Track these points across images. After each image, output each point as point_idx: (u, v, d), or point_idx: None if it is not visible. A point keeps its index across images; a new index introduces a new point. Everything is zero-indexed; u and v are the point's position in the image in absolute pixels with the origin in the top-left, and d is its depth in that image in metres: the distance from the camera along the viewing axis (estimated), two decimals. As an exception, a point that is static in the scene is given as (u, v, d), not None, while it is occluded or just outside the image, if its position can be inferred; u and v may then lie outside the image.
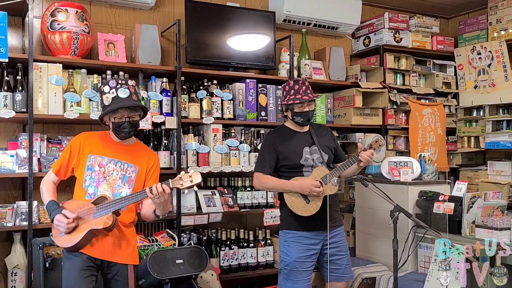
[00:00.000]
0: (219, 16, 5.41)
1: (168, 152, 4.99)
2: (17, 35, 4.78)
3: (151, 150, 3.85)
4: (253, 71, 5.75)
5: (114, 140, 3.55)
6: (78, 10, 4.63)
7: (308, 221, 4.10)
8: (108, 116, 3.41)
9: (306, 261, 4.12)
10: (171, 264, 4.23)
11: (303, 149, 4.21)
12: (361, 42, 6.74)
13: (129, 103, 3.35)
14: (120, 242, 3.43)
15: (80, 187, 3.46)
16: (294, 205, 4.07)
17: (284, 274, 4.17)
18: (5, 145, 4.56)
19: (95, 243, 3.34)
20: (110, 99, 3.35)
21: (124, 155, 3.53)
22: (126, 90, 3.37)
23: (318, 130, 4.39)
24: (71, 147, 3.51)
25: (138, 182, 3.52)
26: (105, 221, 3.23)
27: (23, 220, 4.34)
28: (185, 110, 5.07)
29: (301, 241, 4.12)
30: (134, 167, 3.52)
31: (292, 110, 4.18)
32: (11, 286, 4.34)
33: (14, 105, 4.33)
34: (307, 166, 4.18)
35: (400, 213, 3.80)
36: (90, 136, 3.59)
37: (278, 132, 4.34)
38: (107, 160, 3.47)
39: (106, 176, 3.45)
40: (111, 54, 4.90)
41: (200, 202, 5.18)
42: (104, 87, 3.40)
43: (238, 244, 5.33)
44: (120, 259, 3.42)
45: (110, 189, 3.44)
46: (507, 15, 6.35)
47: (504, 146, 6.38)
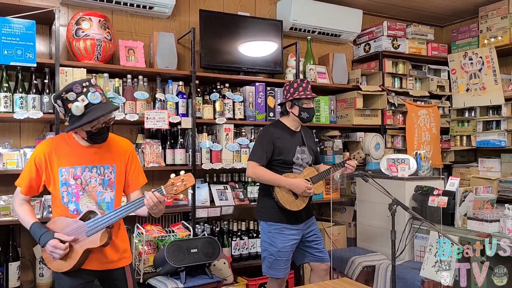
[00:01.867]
0: (231, 24, 5.38)
1: (183, 150, 4.96)
2: (45, 42, 4.74)
3: (121, 138, 3.28)
4: (262, 75, 5.72)
5: (81, 144, 3.02)
6: (101, 19, 4.60)
7: (290, 214, 4.14)
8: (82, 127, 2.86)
9: (288, 251, 4.16)
10: (186, 253, 4.23)
11: (296, 148, 4.21)
12: (361, 48, 6.70)
13: (108, 109, 2.86)
14: (114, 250, 3.09)
15: (58, 204, 3.00)
16: (284, 199, 4.08)
17: (268, 263, 4.19)
18: (34, 143, 4.53)
19: (90, 258, 2.97)
20: (82, 108, 2.79)
21: (96, 157, 3.04)
22: (96, 94, 2.83)
23: (305, 132, 4.39)
24: (35, 162, 2.95)
25: (119, 182, 3.12)
26: (101, 238, 2.85)
27: (50, 213, 4.26)
28: (199, 111, 5.04)
29: (284, 232, 4.14)
30: (112, 166, 3.07)
31: (301, 105, 4.17)
32: (38, 273, 4.33)
33: (42, 107, 4.30)
34: (296, 164, 4.20)
35: (397, 206, 3.81)
36: (52, 144, 3.01)
37: (277, 127, 4.29)
38: (81, 170, 2.98)
39: (85, 186, 2.98)
40: (131, 59, 4.86)
41: (213, 196, 5.16)
42: (68, 94, 2.80)
43: (248, 235, 5.31)
44: (116, 265, 3.11)
45: (93, 199, 2.99)
46: (496, 23, 6.34)
47: (494, 145, 6.37)
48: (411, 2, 6.39)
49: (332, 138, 6.04)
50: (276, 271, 4.15)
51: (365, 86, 6.21)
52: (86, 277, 3.02)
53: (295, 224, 4.17)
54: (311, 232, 4.29)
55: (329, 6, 6.10)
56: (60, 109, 2.90)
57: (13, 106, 4.20)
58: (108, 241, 2.91)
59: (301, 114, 4.20)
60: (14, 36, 4.06)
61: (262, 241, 4.28)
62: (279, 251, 4.11)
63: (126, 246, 3.23)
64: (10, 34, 4.05)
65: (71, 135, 3.04)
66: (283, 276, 4.18)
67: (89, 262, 2.98)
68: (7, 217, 4.17)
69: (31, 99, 4.25)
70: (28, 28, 4.12)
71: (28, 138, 4.64)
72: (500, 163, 6.35)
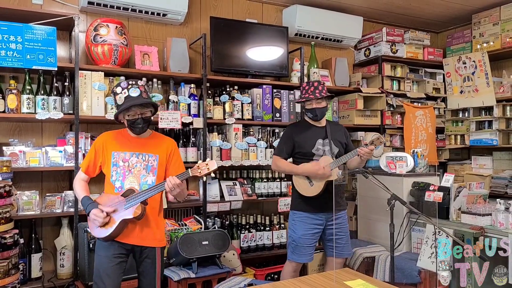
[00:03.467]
0: (239, 30, 5.35)
1: (195, 148, 4.93)
2: (65, 47, 4.70)
3: (167, 137, 3.61)
4: (269, 78, 5.67)
5: (131, 136, 3.37)
6: (118, 26, 4.56)
7: (313, 204, 4.13)
8: (123, 114, 3.26)
9: (310, 238, 4.16)
10: (198, 245, 4.23)
11: (317, 140, 4.20)
12: (362, 53, 6.65)
13: (140, 101, 3.19)
14: (149, 228, 3.28)
15: (108, 182, 3.31)
16: (300, 186, 4.12)
17: (292, 248, 4.23)
18: (55, 142, 4.50)
19: (126, 231, 3.21)
20: (123, 99, 3.21)
21: (143, 147, 3.35)
22: (136, 90, 3.21)
23: (333, 127, 4.36)
24: (95, 147, 3.35)
25: (161, 169, 3.36)
26: (135, 211, 3.10)
27: (70, 207, 4.31)
28: (210, 112, 5.02)
29: (306, 221, 4.14)
30: (155, 156, 3.35)
31: (305, 107, 4.25)
32: (59, 264, 4.32)
33: (62, 108, 4.28)
34: (317, 156, 4.16)
35: (396, 201, 3.81)
36: (110, 135, 3.41)
37: (297, 125, 4.41)
38: (129, 155, 3.31)
39: (131, 169, 3.28)
40: (146, 63, 4.83)
41: (223, 192, 5.15)
42: (117, 88, 3.25)
43: (256, 228, 5.29)
44: (149, 243, 3.29)
45: (136, 180, 3.27)
46: (488, 30, 6.32)
47: (486, 143, 6.34)
48: (408, 9, 6.36)
49: (335, 137, 5.99)
50: (298, 256, 4.17)
51: (366, 88, 6.19)
52: (121, 250, 3.25)
53: (318, 213, 4.15)
54: (336, 225, 4.20)
55: (332, 14, 6.09)
56: (113, 100, 3.34)
57: (36, 107, 4.19)
58: (140, 215, 3.13)
59: (307, 114, 4.25)
60: (37, 41, 4.04)
61: (288, 228, 4.34)
62: (300, 238, 4.14)
63: (161, 230, 3.42)
64: (33, 39, 4.03)
65: (125, 130, 3.41)
66: (305, 261, 4.22)
67: (126, 236, 3.22)
68: (30, 211, 4.17)
69: (52, 100, 4.24)
70: (50, 34, 4.09)
71: (49, 137, 4.62)
72: (492, 161, 6.36)
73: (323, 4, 5.96)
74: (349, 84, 6.24)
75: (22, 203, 4.15)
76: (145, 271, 3.34)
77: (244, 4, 5.83)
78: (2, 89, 4.15)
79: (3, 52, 3.91)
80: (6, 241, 3.24)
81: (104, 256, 3.22)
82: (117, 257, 3.22)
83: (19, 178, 4.39)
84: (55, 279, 4.30)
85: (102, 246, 3.25)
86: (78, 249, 4.23)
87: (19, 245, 3.59)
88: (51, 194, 4.40)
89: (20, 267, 3.69)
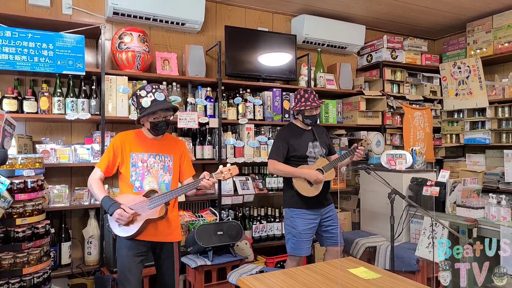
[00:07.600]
0: (251, 38, 5.32)
1: (211, 146, 4.92)
2: (92, 53, 4.69)
3: (178, 138, 3.56)
4: (279, 82, 5.64)
5: (148, 137, 3.28)
6: (140, 34, 4.55)
7: (309, 201, 4.10)
8: (147, 117, 3.16)
9: (308, 233, 4.11)
10: (213, 235, 4.23)
11: (308, 143, 4.17)
12: (364, 58, 6.60)
13: (168, 106, 3.12)
14: (168, 225, 3.22)
15: (127, 182, 3.19)
16: (300, 188, 4.05)
17: (292, 244, 4.14)
18: (82, 140, 4.51)
19: (147, 229, 3.12)
20: (149, 102, 3.11)
21: (159, 148, 3.28)
22: (161, 94, 3.14)
23: (317, 130, 4.32)
24: (113, 147, 3.21)
25: (176, 169, 3.32)
26: (159, 211, 3.05)
27: (97, 200, 4.26)
28: (224, 113, 5.00)
29: (304, 217, 4.10)
30: (170, 156, 3.29)
31: (303, 114, 4.15)
32: (87, 251, 4.31)
33: (90, 109, 4.28)
34: (310, 157, 4.15)
35: (396, 195, 3.81)
36: (127, 135, 3.29)
37: (289, 129, 4.26)
38: (147, 156, 3.22)
39: (150, 169, 3.20)
40: (166, 68, 4.82)
41: (237, 186, 5.12)
42: (141, 92, 3.15)
43: (267, 219, 5.27)
44: (168, 239, 3.24)
45: (155, 179, 3.20)
46: (481, 37, 6.26)
47: (480, 142, 6.29)
48: (407, 19, 6.30)
49: (339, 136, 6.01)
50: (298, 250, 4.11)
51: (368, 91, 6.15)
52: (142, 248, 3.16)
53: (314, 209, 4.12)
54: (328, 218, 4.21)
55: (337, 23, 6.06)
56: (133, 103, 3.23)
57: (65, 109, 4.19)
58: (164, 215, 3.09)
59: (304, 120, 4.18)
60: (66, 48, 4.03)
61: (286, 225, 4.24)
62: (300, 233, 4.08)
63: (177, 224, 3.36)
64: (63, 47, 4.02)
65: (141, 131, 3.32)
66: (305, 254, 4.15)
67: (145, 234, 3.13)
68: (60, 203, 4.17)
69: (80, 102, 4.23)
70: (78, 42, 4.08)
71: (78, 136, 4.62)
72: (485, 158, 6.28)
73: (328, 13, 5.94)
74: (353, 87, 6.19)
75: (53, 196, 4.16)
76: (164, 265, 3.30)
77: (256, 14, 5.81)
78: (35, 92, 4.16)
79: (36, 58, 3.91)
80: (39, 230, 3.23)
81: (126, 256, 3.13)
82: (139, 256, 3.15)
83: (50, 173, 4.39)
84: (83, 265, 4.30)
85: (124, 244, 3.15)
86: (104, 238, 4.23)
87: (50, 234, 3.58)
88: (79, 188, 4.41)
89: (51, 254, 3.68)
